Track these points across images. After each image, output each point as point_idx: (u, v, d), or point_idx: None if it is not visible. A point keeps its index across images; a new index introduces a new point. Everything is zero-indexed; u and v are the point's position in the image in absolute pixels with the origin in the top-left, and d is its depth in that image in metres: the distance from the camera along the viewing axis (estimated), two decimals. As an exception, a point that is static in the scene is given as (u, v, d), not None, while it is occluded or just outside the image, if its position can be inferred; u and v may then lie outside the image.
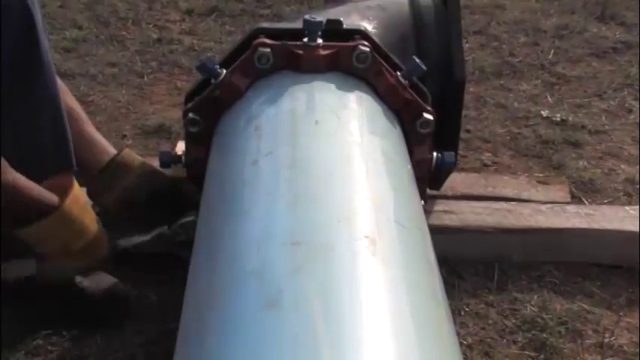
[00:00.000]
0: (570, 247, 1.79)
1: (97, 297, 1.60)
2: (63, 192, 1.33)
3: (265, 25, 1.51)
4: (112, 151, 1.58)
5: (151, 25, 3.23)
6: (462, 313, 1.65)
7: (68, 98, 1.56)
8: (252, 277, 0.90)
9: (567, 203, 1.93)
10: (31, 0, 1.40)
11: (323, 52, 1.36)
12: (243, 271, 0.92)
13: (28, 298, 1.60)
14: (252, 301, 0.86)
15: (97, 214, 1.58)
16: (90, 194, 1.56)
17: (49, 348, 1.53)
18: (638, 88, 2.72)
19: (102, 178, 1.55)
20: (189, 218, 1.54)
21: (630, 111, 2.56)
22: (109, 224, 1.60)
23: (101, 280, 1.62)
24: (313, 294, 0.84)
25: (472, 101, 2.56)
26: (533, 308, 1.65)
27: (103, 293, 1.61)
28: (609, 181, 2.13)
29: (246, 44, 1.43)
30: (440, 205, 1.84)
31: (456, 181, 1.96)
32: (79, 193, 1.36)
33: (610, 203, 2.01)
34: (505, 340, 1.58)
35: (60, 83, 1.51)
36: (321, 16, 1.41)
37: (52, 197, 1.33)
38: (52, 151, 1.48)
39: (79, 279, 1.60)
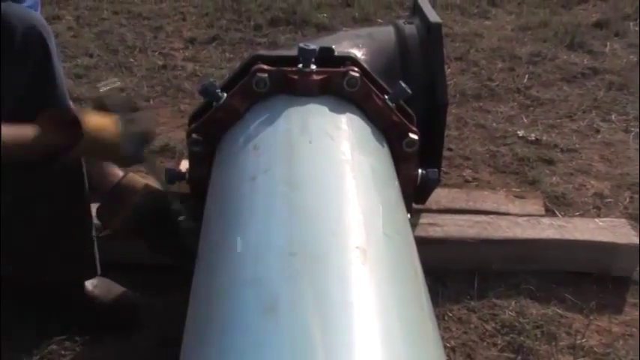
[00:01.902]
0: (545, 256, 1.79)
1: (107, 304, 1.59)
2: (75, 121, 1.33)
3: (263, 52, 1.51)
4: (121, 174, 1.58)
5: (156, 53, 3.24)
6: (446, 318, 1.64)
7: None
8: (250, 285, 0.90)
9: (542, 216, 1.93)
10: (47, 33, 1.40)
11: (316, 77, 1.37)
12: (243, 279, 0.92)
13: (41, 305, 1.59)
14: (251, 308, 0.86)
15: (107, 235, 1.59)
16: (99, 216, 1.56)
17: (63, 352, 1.52)
18: (605, 110, 2.74)
19: (108, 200, 1.54)
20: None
21: (598, 131, 2.57)
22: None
23: (111, 289, 1.62)
24: (308, 300, 0.84)
25: (454, 122, 2.57)
26: (511, 313, 1.65)
27: (113, 301, 1.60)
28: (580, 196, 2.14)
29: (245, 70, 1.43)
30: (425, 218, 1.85)
31: (440, 196, 1.96)
32: (86, 113, 1.37)
33: (581, 216, 2.02)
34: (485, 343, 1.58)
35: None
36: (314, 44, 1.41)
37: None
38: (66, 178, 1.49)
39: (89, 288, 1.59)
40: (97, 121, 1.37)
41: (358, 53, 1.59)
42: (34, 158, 1.30)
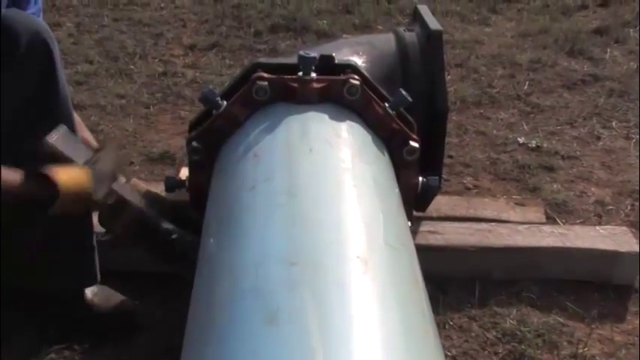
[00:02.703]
0: (546, 264, 1.79)
1: (107, 313, 1.59)
2: (52, 178, 1.34)
3: (263, 60, 1.51)
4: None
5: (156, 60, 3.24)
6: (447, 326, 1.64)
7: (82, 131, 1.57)
8: (251, 295, 0.89)
9: (543, 224, 1.93)
10: (51, 40, 1.41)
11: (316, 85, 1.36)
12: (243, 289, 0.91)
13: (41, 312, 1.59)
14: (251, 317, 0.85)
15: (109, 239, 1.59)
16: (100, 221, 1.56)
17: (61, 361, 1.52)
18: (605, 117, 2.73)
19: (110, 205, 1.54)
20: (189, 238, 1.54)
21: (599, 138, 2.57)
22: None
23: (111, 298, 1.61)
24: (309, 310, 0.84)
25: (454, 129, 2.56)
26: (512, 322, 1.65)
27: (113, 309, 1.60)
28: (581, 203, 2.14)
29: (245, 78, 1.43)
30: (425, 226, 1.84)
31: (440, 204, 1.96)
32: (63, 169, 1.38)
33: (582, 223, 2.02)
34: (487, 352, 1.57)
35: (74, 116, 1.51)
36: (314, 51, 1.41)
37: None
38: None
39: (89, 297, 1.59)
40: (67, 177, 1.37)
41: (358, 61, 1.59)
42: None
